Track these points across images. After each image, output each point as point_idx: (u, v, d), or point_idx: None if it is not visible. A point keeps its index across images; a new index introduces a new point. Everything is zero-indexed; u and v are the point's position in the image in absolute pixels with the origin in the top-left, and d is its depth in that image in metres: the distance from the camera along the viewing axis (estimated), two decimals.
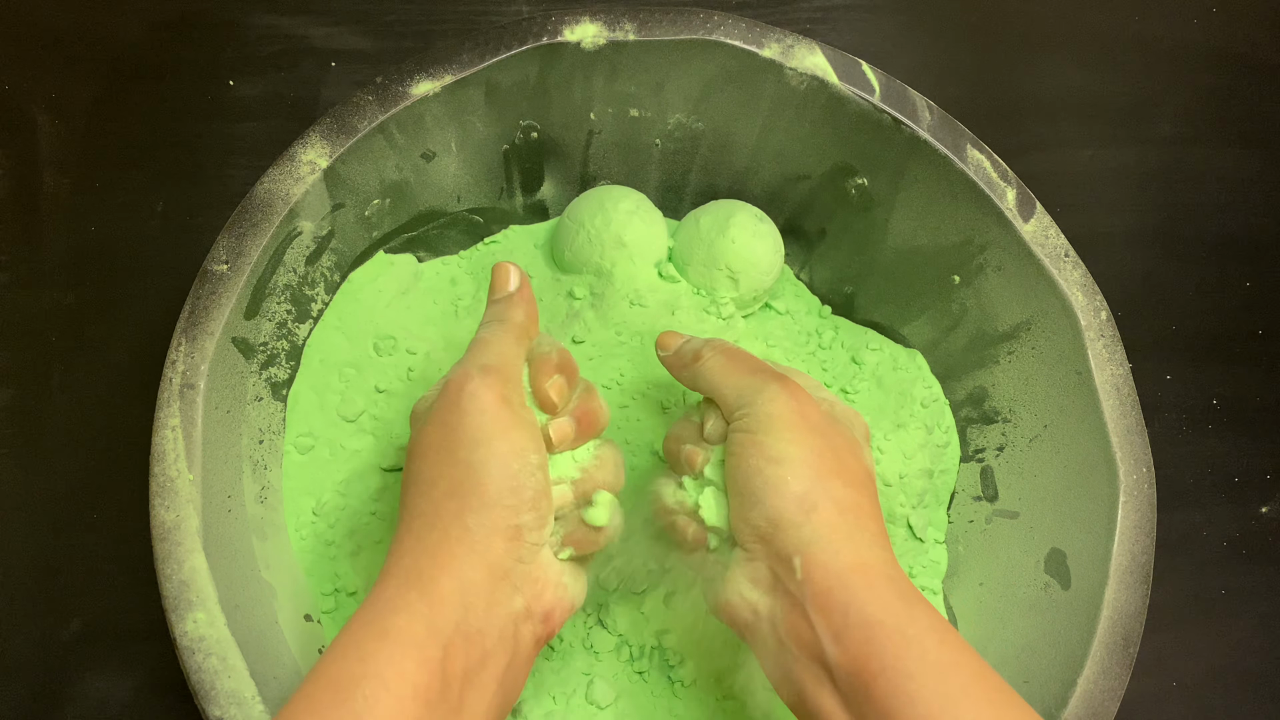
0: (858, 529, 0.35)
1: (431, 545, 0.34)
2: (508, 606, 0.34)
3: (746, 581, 0.36)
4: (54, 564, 0.49)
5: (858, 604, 0.33)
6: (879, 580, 0.33)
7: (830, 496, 0.35)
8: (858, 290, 0.53)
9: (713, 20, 0.46)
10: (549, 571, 0.35)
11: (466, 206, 0.51)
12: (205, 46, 0.58)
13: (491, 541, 0.34)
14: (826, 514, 0.35)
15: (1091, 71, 0.65)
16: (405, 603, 0.32)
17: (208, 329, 0.40)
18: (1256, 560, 0.57)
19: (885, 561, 0.34)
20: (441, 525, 0.34)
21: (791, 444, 0.36)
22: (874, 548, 0.35)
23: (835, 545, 0.34)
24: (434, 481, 0.35)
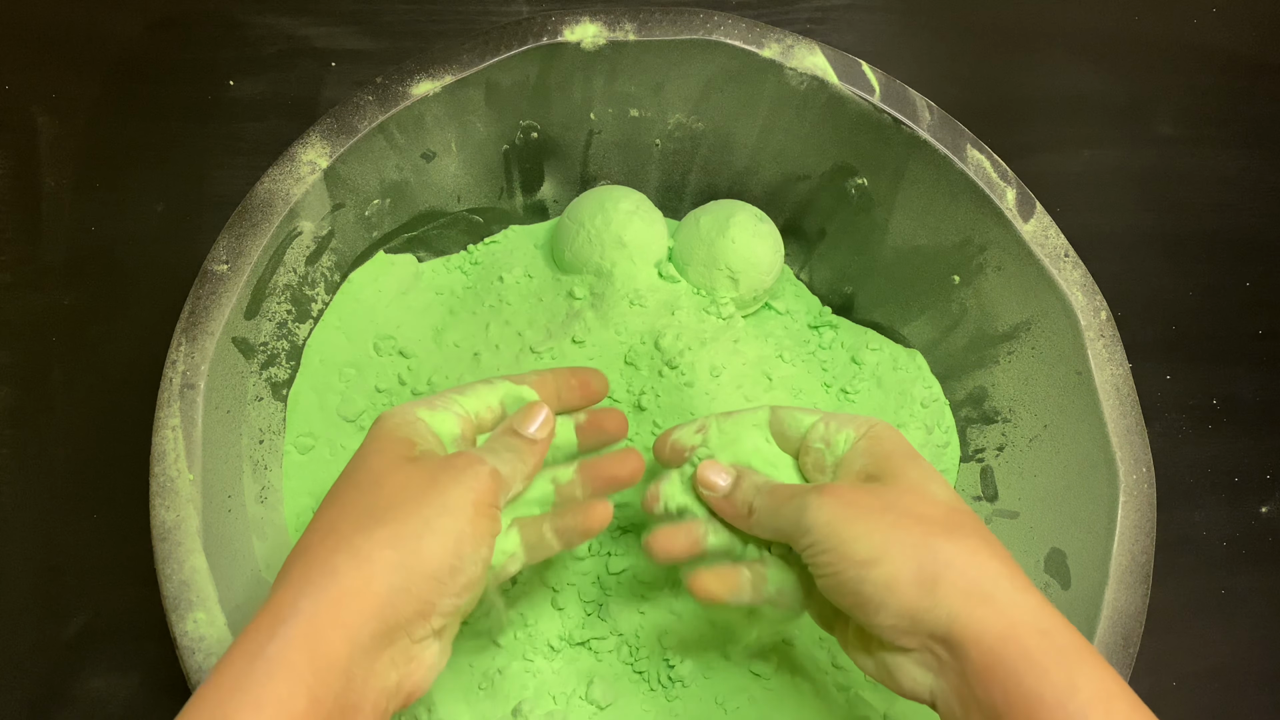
0: (985, 580, 0.32)
1: (343, 591, 0.31)
2: (383, 680, 0.32)
3: (915, 667, 0.34)
4: (54, 564, 0.49)
5: (1015, 680, 0.31)
6: (1032, 643, 0.31)
7: (943, 562, 0.33)
8: (858, 290, 0.53)
9: (713, 20, 0.46)
10: (427, 655, 0.34)
11: (466, 206, 0.51)
12: (205, 46, 0.58)
13: (402, 608, 0.32)
14: (951, 583, 0.32)
15: (1091, 71, 0.65)
16: (289, 667, 0.30)
17: (208, 329, 0.40)
18: (1256, 560, 0.57)
19: (1035, 613, 0.32)
20: (367, 571, 0.32)
21: (871, 536, 0.34)
22: (1016, 598, 0.32)
23: (977, 615, 0.32)
24: (381, 522, 0.33)
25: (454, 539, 0.33)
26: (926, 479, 0.36)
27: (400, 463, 0.35)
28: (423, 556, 0.33)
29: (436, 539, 0.33)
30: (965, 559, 0.33)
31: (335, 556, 0.32)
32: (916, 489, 0.35)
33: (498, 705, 0.44)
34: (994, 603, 0.32)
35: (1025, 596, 0.32)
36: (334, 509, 0.34)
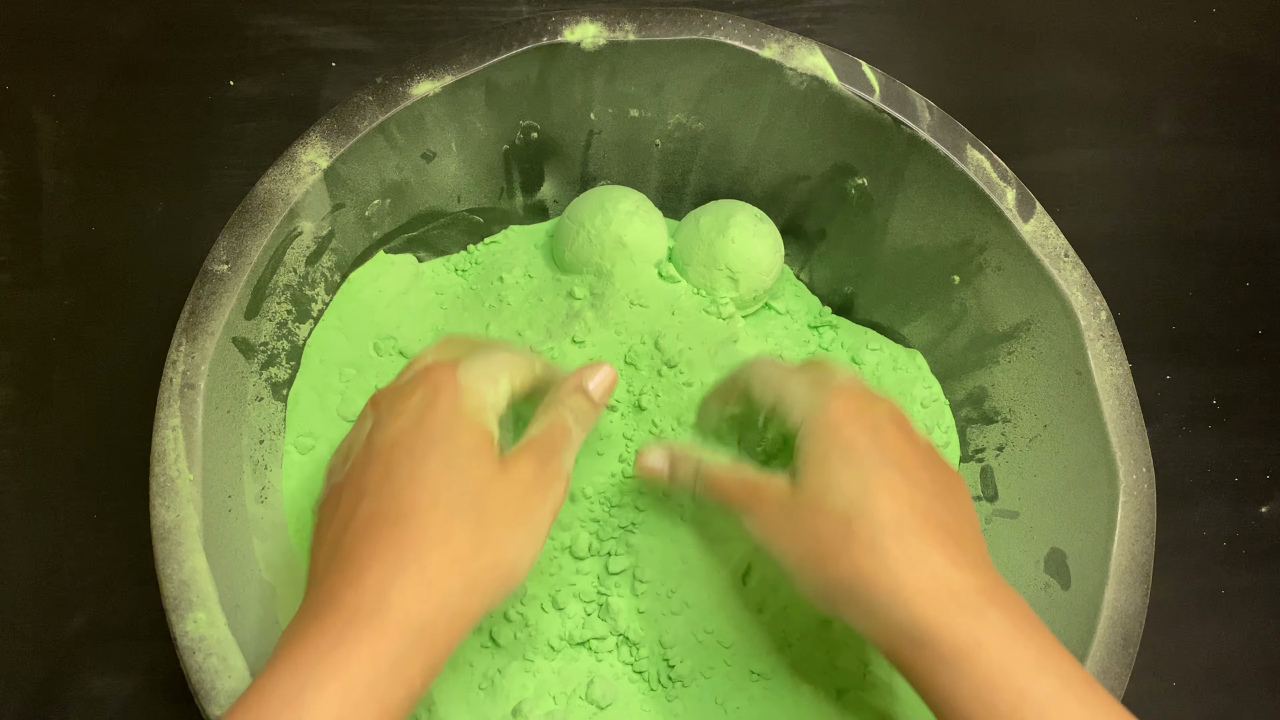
0: (872, 602, 0.33)
1: (446, 606, 0.31)
2: (417, 694, 0.31)
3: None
4: (54, 564, 0.49)
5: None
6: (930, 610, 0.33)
7: (834, 582, 0.35)
8: (858, 290, 0.53)
9: (713, 20, 0.46)
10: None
11: (466, 206, 0.51)
12: (205, 46, 0.58)
13: (464, 631, 0.32)
14: (845, 604, 0.34)
15: (1091, 71, 0.65)
16: (407, 674, 0.30)
17: (208, 329, 0.40)
18: (1256, 560, 0.57)
19: (910, 618, 0.33)
20: (471, 600, 0.32)
21: (784, 556, 0.36)
22: (893, 608, 0.33)
23: (871, 633, 0.34)
24: (484, 546, 0.32)
25: (532, 557, 0.34)
26: (825, 487, 0.35)
27: (495, 471, 0.34)
28: (515, 578, 0.34)
29: (525, 561, 0.34)
30: (849, 582, 0.34)
31: (450, 578, 0.32)
32: (814, 504, 0.35)
33: (498, 705, 0.44)
34: (875, 618, 0.33)
35: (908, 609, 0.33)
36: (438, 513, 0.33)
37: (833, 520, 0.34)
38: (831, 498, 0.35)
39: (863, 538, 0.33)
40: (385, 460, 0.34)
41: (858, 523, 0.34)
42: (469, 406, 0.35)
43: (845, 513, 0.34)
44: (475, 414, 0.35)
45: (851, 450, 0.35)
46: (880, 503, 0.34)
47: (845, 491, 0.35)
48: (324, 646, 0.29)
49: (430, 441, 0.34)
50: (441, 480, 0.33)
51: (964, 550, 0.34)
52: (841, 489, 0.35)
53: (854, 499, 0.34)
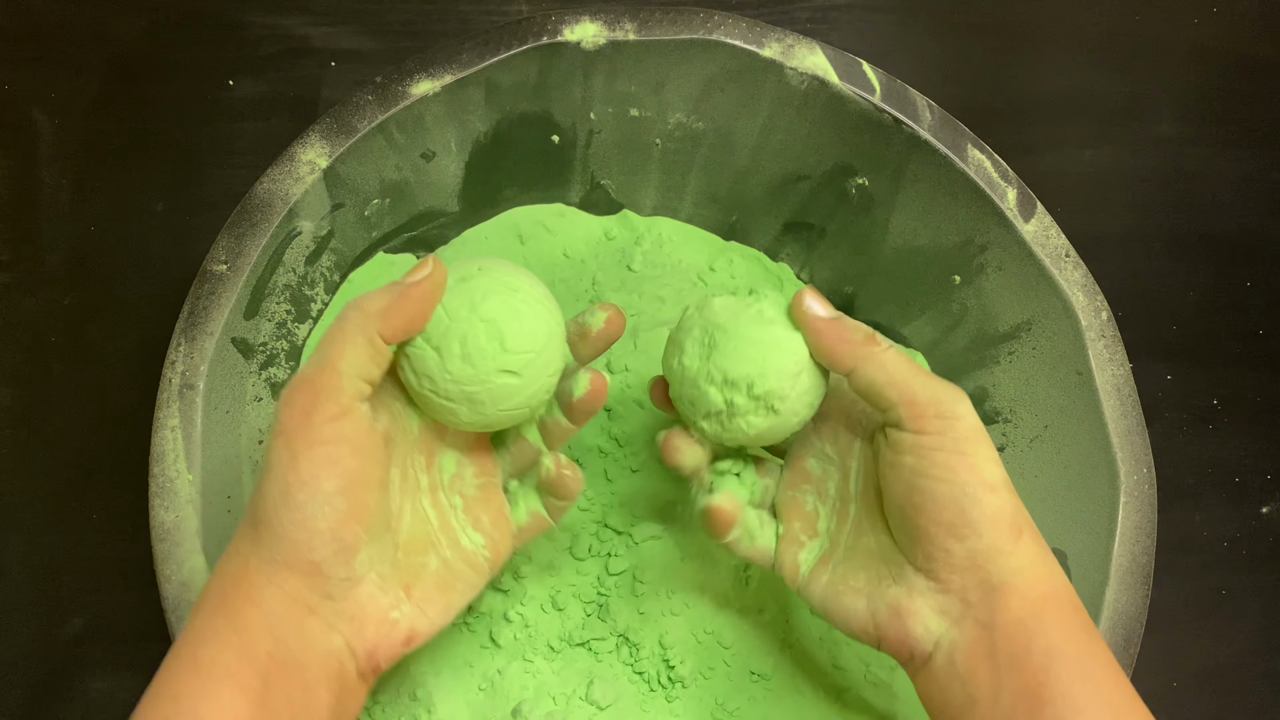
0: (1047, 552, 0.34)
1: (235, 572, 0.31)
2: (325, 644, 0.32)
3: (934, 614, 0.34)
4: (54, 564, 0.49)
5: (1043, 631, 0.32)
6: (1069, 609, 0.33)
7: (1027, 520, 0.34)
8: (858, 290, 0.53)
9: (713, 20, 0.46)
10: (368, 608, 0.32)
11: (466, 206, 0.51)
12: (205, 46, 0.58)
13: (286, 578, 0.31)
14: (1028, 539, 0.34)
15: (1091, 71, 0.65)
16: (213, 630, 0.30)
17: (207, 329, 0.40)
18: (1256, 560, 0.57)
19: (1071, 590, 0.34)
20: (244, 553, 0.31)
21: (998, 466, 0.34)
22: (1061, 574, 0.34)
23: (1037, 573, 0.33)
24: (249, 508, 0.32)
25: (281, 492, 0.31)
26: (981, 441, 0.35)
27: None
28: (267, 525, 0.31)
29: (268, 502, 0.31)
30: (1034, 526, 0.34)
31: (236, 539, 0.32)
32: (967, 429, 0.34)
33: (498, 705, 0.44)
34: (1049, 568, 0.34)
35: (1067, 579, 0.34)
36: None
37: (975, 453, 0.34)
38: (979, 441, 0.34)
39: (1000, 485, 0.34)
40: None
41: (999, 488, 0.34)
42: (276, 412, 0.34)
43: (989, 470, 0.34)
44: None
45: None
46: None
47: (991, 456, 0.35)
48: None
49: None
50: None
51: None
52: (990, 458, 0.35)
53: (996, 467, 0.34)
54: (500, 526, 0.38)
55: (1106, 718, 0.31)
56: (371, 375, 0.33)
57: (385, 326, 0.33)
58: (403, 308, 0.33)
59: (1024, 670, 0.32)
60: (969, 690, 0.33)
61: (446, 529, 0.37)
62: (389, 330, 0.33)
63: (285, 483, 0.31)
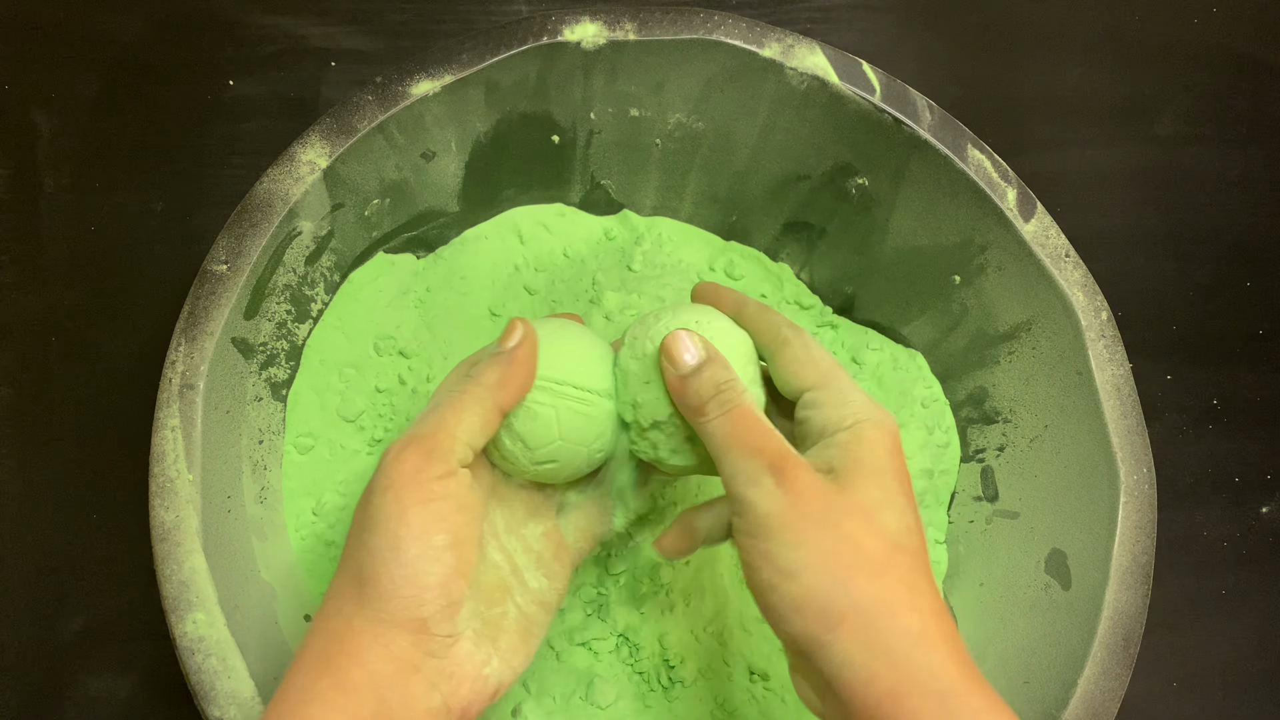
0: (889, 632, 0.30)
1: (339, 630, 0.31)
2: (426, 703, 0.31)
3: (806, 686, 0.33)
4: (54, 564, 0.49)
5: None
6: (924, 704, 0.29)
7: (854, 603, 0.31)
8: (858, 290, 0.53)
9: (713, 20, 0.46)
10: (466, 665, 0.33)
11: (466, 206, 0.51)
12: (205, 46, 0.58)
13: (393, 637, 0.31)
14: (853, 626, 0.30)
15: (1091, 71, 0.65)
16: (318, 691, 0.30)
17: (207, 329, 0.40)
18: (1256, 560, 0.57)
19: (930, 676, 0.30)
20: (347, 612, 0.32)
21: (799, 549, 0.31)
22: (913, 657, 0.30)
23: (868, 666, 0.30)
24: (345, 562, 0.33)
25: (391, 549, 0.31)
26: (883, 503, 0.33)
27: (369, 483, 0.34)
28: (374, 584, 0.31)
29: (375, 559, 0.32)
30: (878, 606, 0.31)
31: (330, 600, 0.33)
32: (866, 511, 0.32)
33: (498, 705, 0.44)
34: (890, 656, 0.30)
35: (929, 654, 0.30)
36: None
37: (881, 539, 0.32)
38: (885, 516, 0.32)
39: (902, 568, 0.32)
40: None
41: (901, 554, 0.32)
42: (381, 469, 0.35)
43: (895, 537, 0.32)
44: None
45: (904, 483, 0.34)
46: (922, 544, 0.33)
47: (900, 517, 0.33)
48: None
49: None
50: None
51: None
52: (896, 513, 0.33)
53: (907, 529, 0.33)
54: (561, 559, 0.39)
55: None
56: (479, 443, 0.35)
57: (504, 398, 0.35)
58: (514, 376, 0.35)
59: None
60: None
61: (516, 574, 0.37)
62: (507, 401, 0.35)
63: (396, 536, 0.31)
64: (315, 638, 0.32)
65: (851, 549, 0.31)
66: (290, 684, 0.31)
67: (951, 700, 0.30)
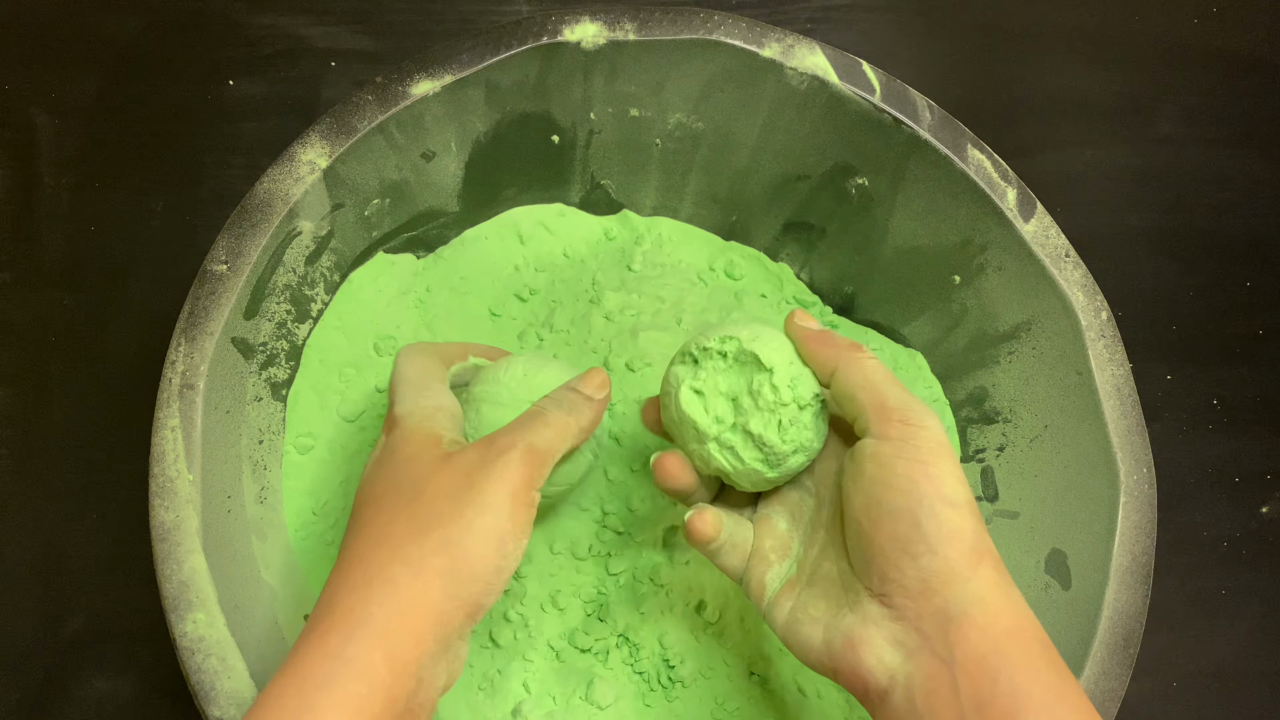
0: (1009, 583, 0.32)
1: (405, 601, 0.32)
2: (437, 684, 0.33)
3: (887, 644, 0.32)
4: (54, 564, 0.49)
5: (1009, 672, 0.30)
6: (1036, 648, 0.31)
7: (989, 547, 0.32)
8: (858, 290, 0.53)
9: (713, 20, 0.46)
10: (465, 648, 0.35)
11: (466, 206, 0.51)
12: (205, 46, 0.58)
13: (457, 615, 0.33)
14: (989, 567, 0.32)
15: (1091, 71, 0.65)
16: (369, 666, 0.31)
17: (207, 329, 0.40)
18: (1256, 560, 0.57)
19: (1037, 626, 0.32)
20: (423, 583, 0.32)
21: (962, 485, 0.32)
22: (1025, 606, 0.32)
23: (996, 605, 0.31)
24: (429, 528, 0.33)
25: (496, 539, 0.33)
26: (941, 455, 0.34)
27: (436, 463, 0.35)
28: (470, 561, 0.33)
29: (480, 541, 0.33)
30: (997, 554, 0.33)
31: (392, 566, 0.32)
32: (931, 448, 0.34)
33: (498, 705, 0.44)
34: (1011, 600, 0.32)
35: (1031, 612, 0.32)
36: (382, 515, 0.34)
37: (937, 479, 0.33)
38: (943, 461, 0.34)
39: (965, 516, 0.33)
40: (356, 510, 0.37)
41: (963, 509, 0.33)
42: (410, 425, 0.37)
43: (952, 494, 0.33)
44: (415, 428, 0.36)
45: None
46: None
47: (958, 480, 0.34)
48: (312, 659, 0.31)
49: (382, 474, 0.36)
50: (386, 493, 0.35)
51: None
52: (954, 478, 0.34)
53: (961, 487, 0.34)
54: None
55: None
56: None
57: (579, 441, 0.38)
58: (593, 424, 0.39)
59: (990, 714, 0.30)
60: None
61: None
62: (577, 444, 0.38)
63: (501, 531, 0.33)
64: (376, 605, 0.32)
65: (920, 471, 0.33)
66: (334, 650, 0.31)
67: (1052, 651, 0.32)
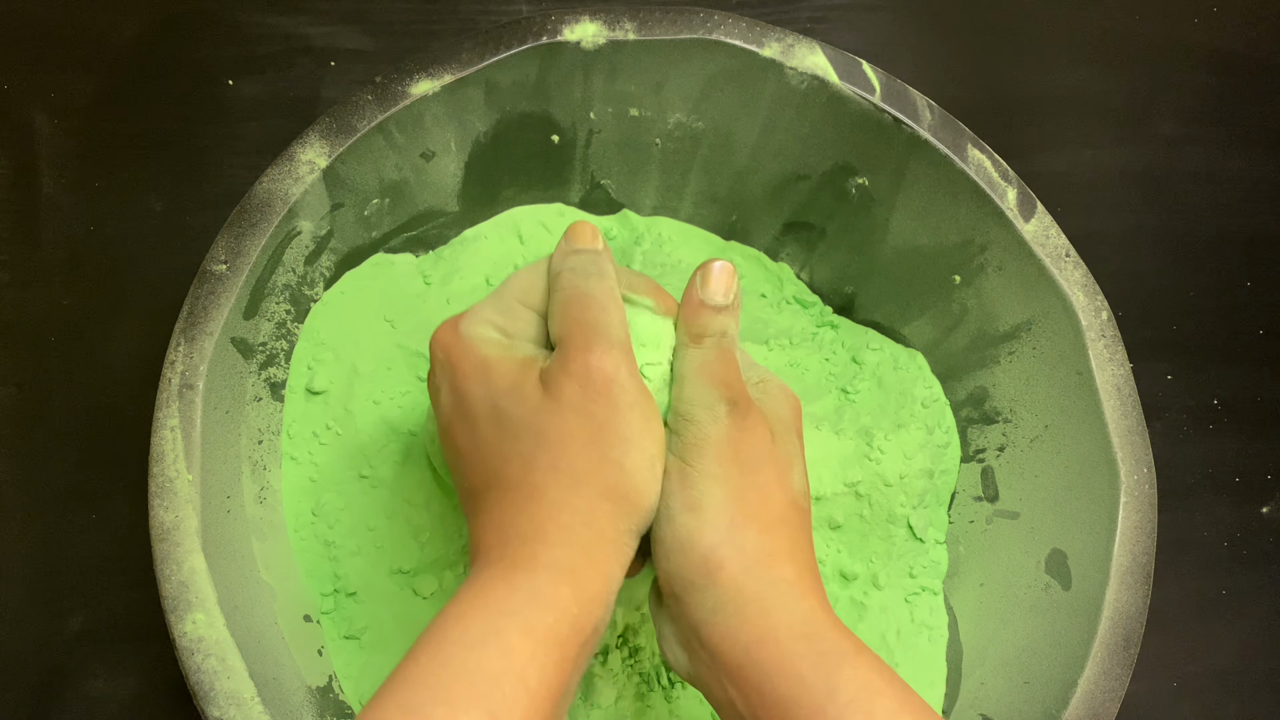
0: (767, 584, 0.32)
1: (587, 543, 0.31)
2: (601, 620, 0.32)
3: (672, 639, 0.34)
4: (54, 564, 0.49)
5: (771, 683, 0.30)
6: (794, 648, 0.30)
7: (739, 549, 0.32)
8: (858, 290, 0.53)
9: (713, 20, 0.46)
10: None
11: (466, 206, 0.51)
12: (205, 46, 0.58)
13: (633, 541, 0.32)
14: (731, 573, 0.32)
15: (1091, 71, 0.65)
16: (556, 599, 0.30)
17: (207, 329, 0.40)
18: (1256, 560, 0.57)
19: (801, 621, 0.31)
20: (597, 526, 0.32)
21: (714, 483, 0.33)
22: (786, 603, 0.31)
23: (741, 613, 0.31)
24: (584, 479, 0.32)
25: (647, 463, 0.32)
26: (796, 459, 0.35)
27: (540, 401, 0.33)
28: (634, 498, 0.32)
29: (635, 476, 0.32)
30: (760, 555, 0.32)
31: (561, 515, 0.32)
32: (783, 464, 0.34)
33: None
34: (760, 603, 0.31)
35: (800, 601, 0.32)
36: (512, 466, 0.33)
37: (786, 493, 0.34)
38: (794, 472, 0.35)
39: (793, 525, 0.34)
40: (452, 444, 0.35)
41: (796, 511, 0.34)
42: (486, 354, 0.34)
43: (796, 496, 0.35)
44: (499, 356, 0.34)
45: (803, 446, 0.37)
46: (810, 505, 0.36)
47: (803, 477, 0.36)
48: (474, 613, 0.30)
49: (472, 410, 0.34)
50: (503, 440, 0.33)
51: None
52: (801, 472, 0.36)
53: (805, 490, 0.36)
54: None
55: None
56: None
57: (618, 288, 0.36)
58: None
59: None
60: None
61: None
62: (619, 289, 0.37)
63: (652, 458, 0.33)
64: (556, 548, 0.31)
65: (759, 497, 0.33)
66: (521, 586, 0.30)
67: (820, 643, 0.30)
